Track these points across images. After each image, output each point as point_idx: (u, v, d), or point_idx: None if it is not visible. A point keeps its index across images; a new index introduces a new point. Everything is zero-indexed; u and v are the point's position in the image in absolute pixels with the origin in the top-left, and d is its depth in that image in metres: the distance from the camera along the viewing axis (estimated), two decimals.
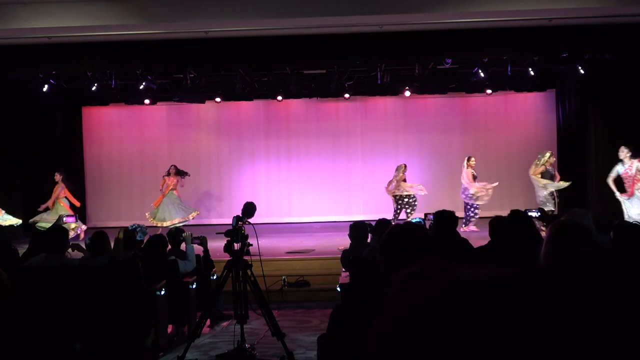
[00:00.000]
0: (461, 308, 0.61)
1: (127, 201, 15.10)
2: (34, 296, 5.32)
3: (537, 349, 0.59)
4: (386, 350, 0.63)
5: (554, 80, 14.00)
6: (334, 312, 2.51)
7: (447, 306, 0.62)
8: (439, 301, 0.63)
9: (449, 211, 5.57)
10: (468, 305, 0.61)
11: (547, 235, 2.52)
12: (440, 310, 0.62)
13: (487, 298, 0.62)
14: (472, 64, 12.15)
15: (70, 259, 6.01)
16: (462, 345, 0.59)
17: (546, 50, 10.58)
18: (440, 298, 0.63)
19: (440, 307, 0.62)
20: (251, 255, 5.96)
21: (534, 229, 4.96)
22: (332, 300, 6.37)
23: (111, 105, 14.78)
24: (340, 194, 14.63)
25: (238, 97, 13.75)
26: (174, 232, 7.79)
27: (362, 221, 7.08)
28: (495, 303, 0.61)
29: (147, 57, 10.59)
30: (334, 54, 10.57)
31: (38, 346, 5.19)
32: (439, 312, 0.62)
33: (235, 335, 5.92)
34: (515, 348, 0.59)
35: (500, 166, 14.91)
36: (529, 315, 0.60)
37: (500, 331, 0.59)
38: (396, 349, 0.62)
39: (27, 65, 10.60)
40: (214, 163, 15.25)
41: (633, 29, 9.97)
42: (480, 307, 0.61)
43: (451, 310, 0.61)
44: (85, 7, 9.04)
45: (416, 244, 2.37)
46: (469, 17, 9.43)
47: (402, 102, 14.69)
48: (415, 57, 11.23)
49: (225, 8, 9.00)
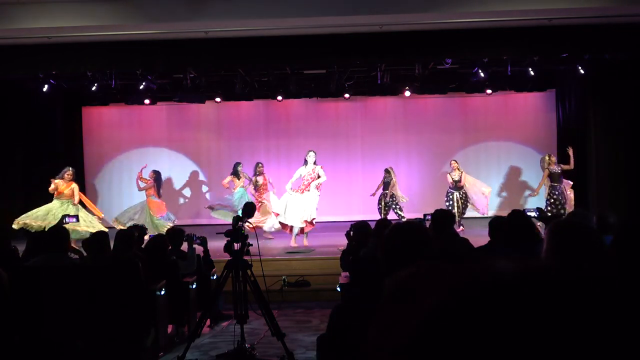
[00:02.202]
0: (491, 300, 0.60)
1: (127, 201, 15.08)
2: (34, 296, 5.32)
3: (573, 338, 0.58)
4: (410, 351, 0.62)
5: (554, 80, 14.00)
6: (334, 312, 2.51)
7: (477, 299, 0.61)
8: (467, 295, 0.62)
9: (448, 211, 5.58)
10: (499, 298, 0.61)
11: (547, 234, 2.52)
12: (469, 304, 0.61)
13: (518, 290, 0.61)
14: (472, 64, 12.15)
15: (70, 258, 6.02)
16: (494, 338, 0.59)
17: (546, 50, 10.58)
18: (467, 291, 0.62)
19: (470, 301, 0.61)
20: (251, 255, 5.96)
21: (533, 229, 4.95)
22: (332, 300, 6.37)
23: (111, 105, 14.77)
24: (340, 194, 14.62)
25: (238, 97, 13.74)
26: (174, 232, 7.79)
27: (363, 221, 7.08)
28: (527, 295, 0.61)
29: (147, 57, 10.58)
30: (334, 54, 10.57)
31: (38, 346, 5.19)
32: (467, 307, 0.61)
33: (235, 335, 5.92)
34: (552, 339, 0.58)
35: (500, 166, 14.92)
36: (561, 306, 0.60)
37: (535, 322, 0.59)
38: (423, 347, 0.61)
39: (27, 65, 10.60)
40: (214, 163, 15.24)
41: (633, 29, 9.97)
42: (511, 300, 0.60)
43: (481, 303, 0.61)
44: (85, 7, 9.04)
45: (417, 244, 2.37)
46: (469, 17, 9.42)
47: (402, 102, 14.69)
48: (415, 57, 11.23)
49: (225, 8, 9.00)
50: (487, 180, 14.79)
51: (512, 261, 0.65)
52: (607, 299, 0.62)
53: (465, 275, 0.64)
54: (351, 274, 5.85)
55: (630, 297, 0.65)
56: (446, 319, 0.61)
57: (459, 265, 0.66)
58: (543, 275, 0.63)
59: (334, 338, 2.48)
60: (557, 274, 0.63)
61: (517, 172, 14.91)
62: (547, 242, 2.46)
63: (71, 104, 14.55)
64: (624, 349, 0.59)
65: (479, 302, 0.61)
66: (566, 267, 0.64)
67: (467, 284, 0.63)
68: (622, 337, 0.59)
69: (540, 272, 0.63)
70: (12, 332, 4.60)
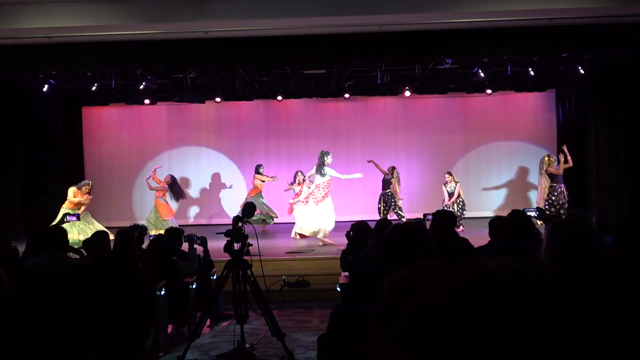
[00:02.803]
0: (490, 300, 0.60)
1: (127, 201, 15.10)
2: (34, 296, 5.32)
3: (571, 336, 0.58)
4: (410, 350, 0.62)
5: (554, 80, 14.00)
6: (334, 312, 2.51)
7: (476, 299, 0.61)
8: (465, 295, 0.62)
9: (448, 211, 5.58)
10: (497, 298, 0.61)
11: (546, 234, 2.52)
12: (468, 304, 0.61)
13: (516, 290, 0.61)
14: (472, 64, 12.15)
15: (70, 258, 6.02)
16: (493, 337, 0.58)
17: (546, 50, 10.58)
18: (466, 291, 0.62)
19: (468, 300, 0.61)
20: (251, 255, 5.96)
21: (533, 229, 4.96)
22: (332, 300, 6.37)
23: (111, 105, 14.77)
24: (340, 194, 14.62)
25: (238, 97, 13.75)
26: (174, 232, 7.79)
27: (363, 221, 7.08)
28: (525, 295, 0.60)
29: (147, 57, 10.59)
30: (334, 54, 10.57)
31: (38, 346, 5.19)
32: (466, 306, 0.61)
33: (235, 335, 5.92)
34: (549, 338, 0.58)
35: (500, 166, 14.92)
36: (558, 305, 0.60)
37: (531, 320, 0.59)
38: (422, 347, 0.61)
39: (27, 65, 10.60)
40: (213, 163, 15.25)
41: (633, 29, 9.97)
42: (509, 300, 0.60)
43: (480, 303, 0.60)
44: (85, 7, 9.04)
45: (417, 244, 2.38)
46: (469, 17, 9.43)
47: (402, 102, 14.69)
48: (415, 57, 11.23)
49: (225, 8, 9.00)
50: (487, 180, 14.83)
51: (511, 261, 0.65)
52: (605, 299, 0.62)
53: (464, 275, 0.64)
54: (351, 274, 5.85)
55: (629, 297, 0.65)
56: (445, 319, 0.61)
57: (457, 265, 0.66)
58: (541, 275, 0.63)
59: (334, 338, 2.48)
60: (555, 274, 0.63)
61: (517, 172, 14.91)
62: (546, 242, 2.46)
63: (71, 104, 14.55)
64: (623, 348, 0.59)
65: (477, 302, 0.61)
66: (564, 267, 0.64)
67: (465, 284, 0.63)
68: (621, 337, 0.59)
69: (538, 272, 0.63)
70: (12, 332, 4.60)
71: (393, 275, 0.70)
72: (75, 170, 14.41)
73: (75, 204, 11.48)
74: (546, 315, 0.59)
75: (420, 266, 0.68)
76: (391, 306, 0.66)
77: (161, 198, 12.72)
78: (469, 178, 14.41)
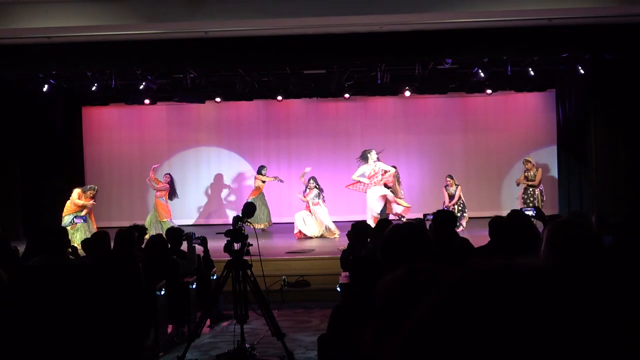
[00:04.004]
0: (488, 300, 0.60)
1: (127, 201, 15.10)
2: (34, 296, 5.32)
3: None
4: (409, 350, 0.62)
5: (554, 80, 13.99)
6: (334, 312, 2.52)
7: (475, 298, 0.61)
8: (464, 295, 0.61)
9: (448, 211, 5.58)
10: (495, 298, 0.61)
11: (545, 233, 2.52)
12: (466, 304, 0.61)
13: (515, 289, 0.61)
14: (472, 64, 12.15)
15: (70, 259, 6.02)
16: (491, 337, 0.58)
17: (546, 50, 10.58)
18: (465, 290, 0.62)
19: (467, 300, 0.61)
20: (251, 255, 5.96)
21: (533, 229, 4.95)
22: (332, 300, 6.37)
23: (111, 105, 14.77)
24: (340, 194, 14.62)
25: (238, 97, 13.75)
26: (173, 231, 7.78)
27: (363, 221, 7.09)
28: (524, 295, 0.60)
29: (147, 57, 10.59)
30: (334, 54, 10.58)
31: (38, 346, 5.20)
32: (464, 306, 0.61)
33: (235, 335, 5.92)
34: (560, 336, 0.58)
35: (500, 166, 14.92)
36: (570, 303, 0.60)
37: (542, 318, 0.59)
38: (421, 347, 0.61)
39: (27, 65, 10.60)
40: (213, 163, 15.25)
41: (633, 29, 9.97)
42: (507, 300, 0.60)
43: (478, 303, 0.60)
44: (85, 7, 9.04)
45: (416, 245, 2.38)
46: (469, 17, 9.43)
47: (402, 102, 14.69)
48: (415, 57, 11.23)
49: (225, 8, 9.00)
50: (487, 180, 14.82)
51: (510, 261, 0.65)
52: (605, 299, 0.62)
53: (462, 274, 0.64)
54: (351, 274, 5.85)
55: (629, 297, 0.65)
56: (443, 319, 0.61)
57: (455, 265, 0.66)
58: (540, 274, 0.63)
59: (334, 338, 2.48)
60: (554, 274, 0.63)
61: (517, 172, 14.89)
62: (545, 242, 2.46)
63: (71, 104, 14.54)
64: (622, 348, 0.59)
65: (476, 302, 0.61)
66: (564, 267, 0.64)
67: (464, 284, 0.63)
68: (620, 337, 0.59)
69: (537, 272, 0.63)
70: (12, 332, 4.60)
71: (385, 277, 0.70)
72: (75, 170, 14.41)
73: (78, 207, 11.47)
74: (545, 316, 0.59)
75: (412, 268, 0.68)
76: (388, 307, 0.66)
77: (162, 198, 12.72)
78: (469, 178, 14.40)
